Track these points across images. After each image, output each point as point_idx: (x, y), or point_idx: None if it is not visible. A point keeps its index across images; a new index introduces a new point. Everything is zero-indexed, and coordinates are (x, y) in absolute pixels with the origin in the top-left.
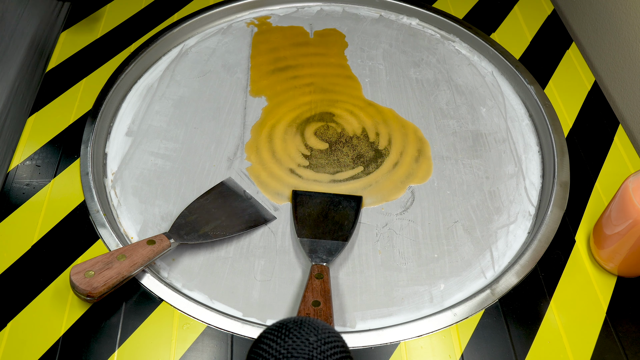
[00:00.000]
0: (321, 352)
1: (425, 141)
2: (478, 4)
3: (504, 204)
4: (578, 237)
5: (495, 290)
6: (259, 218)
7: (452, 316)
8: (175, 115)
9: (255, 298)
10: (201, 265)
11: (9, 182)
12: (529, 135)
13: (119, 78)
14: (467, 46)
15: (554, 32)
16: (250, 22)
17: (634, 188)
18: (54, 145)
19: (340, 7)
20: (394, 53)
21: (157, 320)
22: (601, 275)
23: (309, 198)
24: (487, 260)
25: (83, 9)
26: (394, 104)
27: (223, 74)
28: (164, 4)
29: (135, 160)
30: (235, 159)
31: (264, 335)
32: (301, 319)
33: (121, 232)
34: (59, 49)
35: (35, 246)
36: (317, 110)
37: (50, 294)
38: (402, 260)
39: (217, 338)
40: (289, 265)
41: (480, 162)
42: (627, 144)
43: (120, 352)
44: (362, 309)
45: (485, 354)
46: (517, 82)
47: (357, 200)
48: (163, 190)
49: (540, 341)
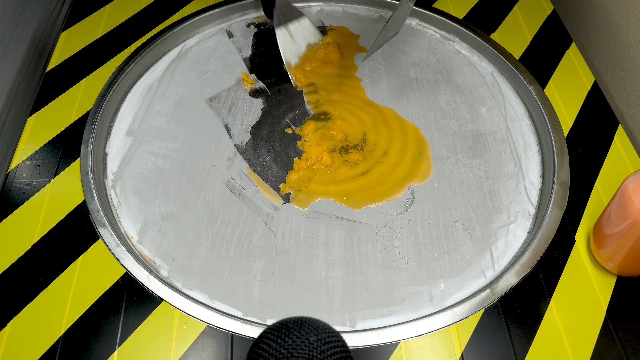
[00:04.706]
0: (321, 352)
1: (425, 141)
2: (478, 4)
3: (503, 204)
4: (578, 237)
5: (495, 289)
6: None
7: (452, 316)
8: (175, 115)
9: (255, 298)
10: (201, 264)
11: (9, 182)
12: (529, 135)
13: (119, 78)
14: (467, 46)
15: (553, 32)
16: (250, 22)
17: (634, 188)
18: (54, 145)
19: (340, 7)
20: (394, 53)
21: (157, 320)
22: (601, 275)
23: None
24: (487, 260)
25: (83, 9)
26: (394, 104)
27: (223, 74)
28: (164, 4)
29: (135, 160)
30: (235, 159)
31: (264, 335)
32: (301, 319)
33: (121, 232)
34: (59, 49)
35: (35, 246)
36: (317, 110)
37: (50, 294)
38: (402, 260)
39: (217, 338)
40: (289, 265)
41: (480, 162)
42: (627, 143)
43: (120, 352)
44: (362, 309)
45: (485, 354)
46: (517, 82)
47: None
48: (163, 190)
49: (540, 341)
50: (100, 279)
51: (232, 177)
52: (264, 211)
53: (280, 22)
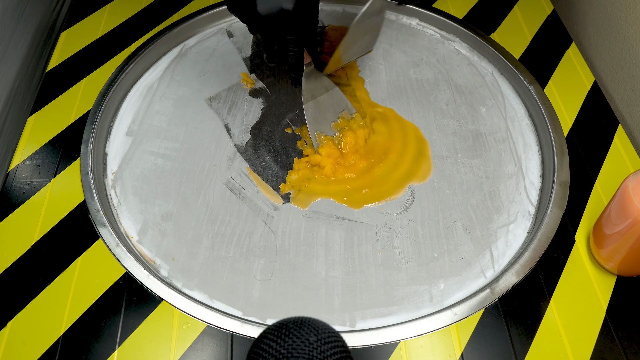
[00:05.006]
0: (321, 352)
1: (425, 141)
2: (478, 4)
3: (503, 204)
4: (578, 237)
5: (495, 289)
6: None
7: (452, 315)
8: (175, 115)
9: (255, 297)
10: (201, 264)
11: (9, 182)
12: (529, 135)
13: (119, 78)
14: (467, 46)
15: (553, 32)
16: None
17: (634, 187)
18: (54, 145)
19: (340, 7)
20: (394, 53)
21: (157, 320)
22: (601, 275)
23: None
24: (486, 260)
25: (83, 9)
26: (394, 103)
27: (223, 74)
28: (164, 4)
29: (135, 159)
30: (235, 158)
31: (264, 335)
32: (301, 319)
33: (121, 231)
34: (59, 49)
35: (35, 246)
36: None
37: (50, 294)
38: (402, 260)
39: (217, 337)
40: (289, 265)
41: (480, 161)
42: (627, 143)
43: (120, 352)
44: (362, 309)
45: (485, 353)
46: (517, 82)
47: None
48: (163, 190)
49: (540, 340)
50: (100, 278)
51: (232, 177)
52: (264, 211)
53: (308, 97)
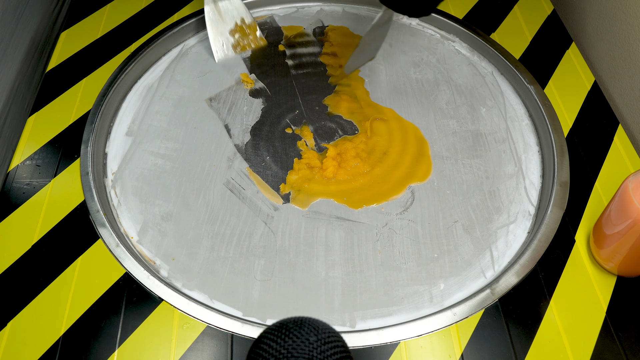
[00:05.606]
0: (321, 352)
1: (425, 141)
2: (478, 4)
3: (503, 204)
4: (578, 237)
5: (495, 290)
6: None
7: (452, 316)
8: (175, 115)
9: (255, 298)
10: (201, 265)
11: (9, 182)
12: (529, 135)
13: (119, 78)
14: (467, 46)
15: (553, 32)
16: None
17: (634, 188)
18: (54, 145)
19: (340, 7)
20: (394, 53)
21: (157, 320)
22: (601, 275)
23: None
24: (487, 260)
25: (83, 9)
26: (394, 104)
27: (223, 74)
28: (164, 4)
29: (135, 160)
30: (235, 158)
31: (264, 335)
32: (301, 319)
33: (121, 232)
34: (59, 49)
35: (35, 246)
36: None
37: (50, 294)
38: (402, 260)
39: (217, 338)
40: (289, 265)
41: (480, 162)
42: (627, 144)
43: (120, 352)
44: (362, 309)
45: (485, 354)
46: (517, 82)
47: None
48: (163, 190)
49: (540, 341)
50: (100, 279)
51: (232, 177)
52: (264, 211)
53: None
